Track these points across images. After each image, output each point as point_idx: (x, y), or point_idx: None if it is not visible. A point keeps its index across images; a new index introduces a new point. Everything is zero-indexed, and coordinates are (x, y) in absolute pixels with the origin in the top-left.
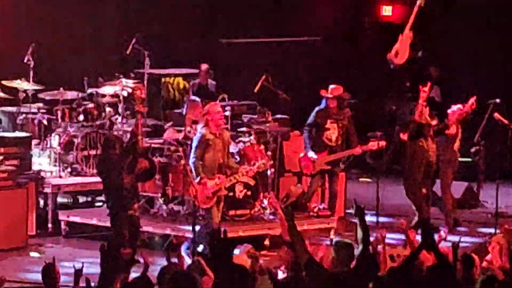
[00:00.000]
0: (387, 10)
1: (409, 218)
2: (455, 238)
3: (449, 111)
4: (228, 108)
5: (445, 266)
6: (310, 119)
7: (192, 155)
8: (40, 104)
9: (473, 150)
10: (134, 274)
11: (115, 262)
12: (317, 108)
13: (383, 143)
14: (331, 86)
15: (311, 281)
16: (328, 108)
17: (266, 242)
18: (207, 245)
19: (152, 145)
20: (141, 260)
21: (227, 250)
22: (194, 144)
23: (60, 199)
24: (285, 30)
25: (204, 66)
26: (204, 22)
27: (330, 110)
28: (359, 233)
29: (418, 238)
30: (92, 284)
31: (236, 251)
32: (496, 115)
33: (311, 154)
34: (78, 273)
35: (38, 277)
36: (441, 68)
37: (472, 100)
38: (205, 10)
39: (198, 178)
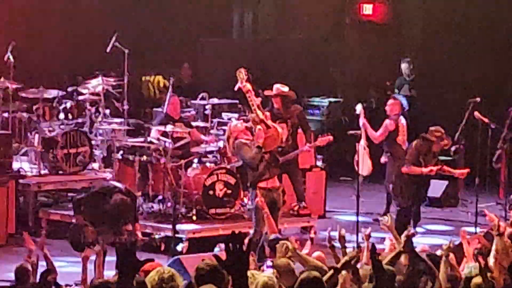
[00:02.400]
0: (367, 9)
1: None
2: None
3: (387, 107)
4: (208, 106)
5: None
6: None
7: None
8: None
9: (453, 148)
10: None
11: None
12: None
13: (330, 138)
14: (275, 86)
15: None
16: (274, 108)
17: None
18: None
19: (133, 144)
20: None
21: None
22: None
23: (40, 198)
24: (266, 29)
25: (186, 65)
26: (184, 21)
27: (276, 110)
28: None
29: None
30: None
31: (216, 249)
32: (477, 114)
33: None
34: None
35: None
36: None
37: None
38: (185, 8)
39: None
